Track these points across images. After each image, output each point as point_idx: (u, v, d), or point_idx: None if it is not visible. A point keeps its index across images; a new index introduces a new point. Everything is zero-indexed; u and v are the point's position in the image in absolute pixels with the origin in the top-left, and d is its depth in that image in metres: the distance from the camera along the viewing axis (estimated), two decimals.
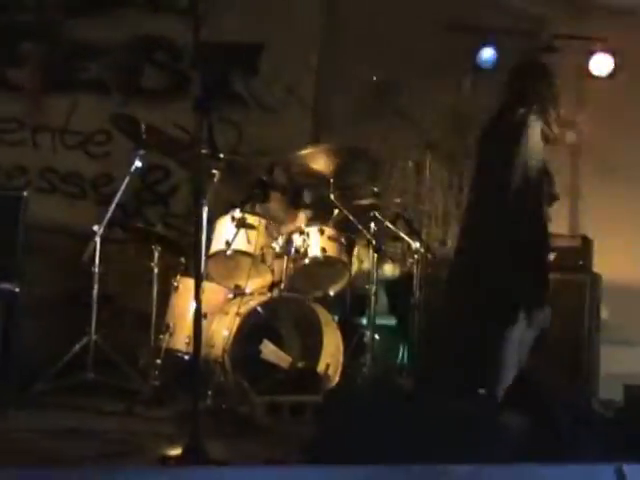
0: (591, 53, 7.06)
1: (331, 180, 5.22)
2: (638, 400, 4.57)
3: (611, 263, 6.23)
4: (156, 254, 5.15)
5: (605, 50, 7.02)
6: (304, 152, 5.30)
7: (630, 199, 6.93)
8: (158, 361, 4.85)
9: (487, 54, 7.02)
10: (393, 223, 5.57)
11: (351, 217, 5.17)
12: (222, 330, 4.72)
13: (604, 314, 6.07)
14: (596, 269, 6.04)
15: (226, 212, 5.04)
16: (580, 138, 7.58)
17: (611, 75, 7.05)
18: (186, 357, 4.80)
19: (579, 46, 7.12)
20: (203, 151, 3.87)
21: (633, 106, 7.30)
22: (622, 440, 3.09)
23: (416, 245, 5.48)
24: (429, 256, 5.69)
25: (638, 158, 7.18)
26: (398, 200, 5.78)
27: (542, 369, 5.68)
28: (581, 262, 5.98)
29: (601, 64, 7.05)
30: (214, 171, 4.82)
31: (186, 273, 5.09)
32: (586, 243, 6.05)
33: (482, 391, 5.44)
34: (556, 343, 5.76)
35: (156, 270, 5.15)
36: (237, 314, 4.69)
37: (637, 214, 6.61)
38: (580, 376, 5.65)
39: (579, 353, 5.72)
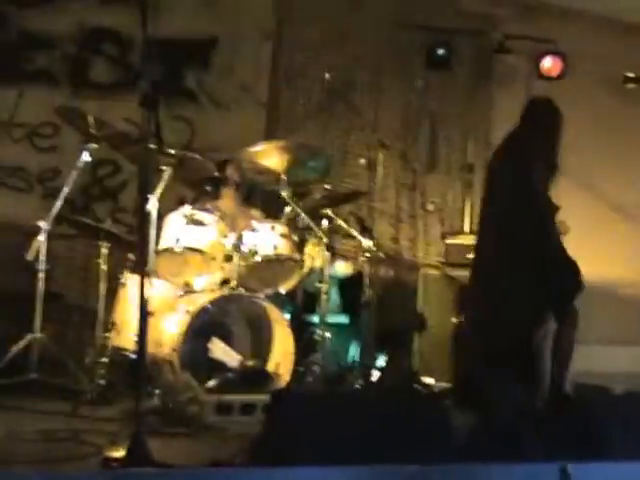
0: (542, 54, 7.13)
1: (283, 177, 5.18)
2: (584, 399, 4.59)
3: None
4: (104, 250, 5.07)
5: (555, 52, 7.09)
6: (256, 149, 5.26)
7: (580, 200, 7.00)
8: (104, 360, 4.77)
9: (439, 53, 7.03)
10: (345, 221, 5.55)
11: (303, 214, 5.14)
12: (171, 328, 4.66)
13: None
14: None
15: (176, 208, 4.98)
16: None
17: (560, 76, 7.13)
18: (133, 355, 4.72)
19: (530, 47, 7.18)
20: (151, 146, 3.81)
21: (581, 107, 7.38)
22: (568, 439, 3.10)
23: (368, 243, 5.47)
24: (381, 254, 5.68)
25: (588, 159, 7.25)
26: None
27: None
28: None
29: (551, 65, 7.12)
30: (164, 167, 4.75)
31: (134, 270, 5.01)
32: None
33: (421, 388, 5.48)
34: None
35: (104, 267, 5.06)
36: (186, 312, 4.63)
37: (585, 215, 6.65)
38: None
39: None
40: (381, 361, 5.99)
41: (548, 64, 7.10)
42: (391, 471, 2.74)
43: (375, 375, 5.63)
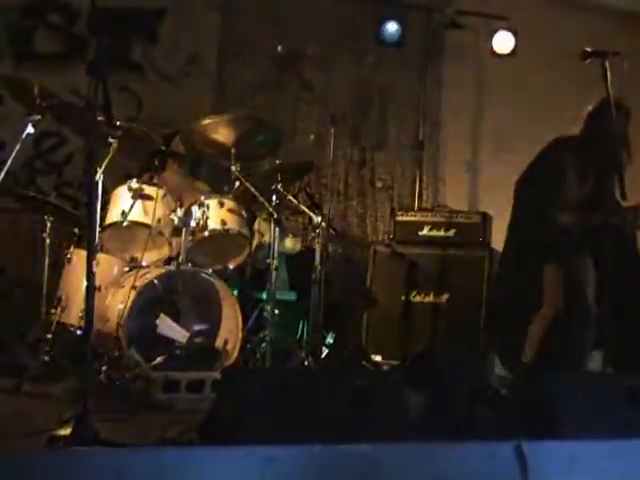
0: (493, 31, 7.12)
1: (232, 151, 5.11)
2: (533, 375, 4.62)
3: None
4: (49, 224, 4.96)
5: (506, 28, 7.09)
6: (205, 122, 5.16)
7: None
8: (49, 336, 4.67)
9: (391, 29, 6.97)
10: (295, 197, 5.50)
11: (252, 189, 5.07)
12: (117, 304, 4.58)
13: None
14: (495, 245, 6.11)
15: (123, 182, 4.88)
16: (480, 115, 7.67)
17: (511, 53, 7.13)
18: (79, 332, 4.63)
19: (482, 24, 7.17)
20: (98, 118, 3.71)
21: (531, 84, 7.41)
22: (521, 417, 3.11)
23: (317, 219, 5.42)
24: (330, 231, 5.65)
25: (534, 135, 7.27)
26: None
27: (441, 345, 5.75)
28: (480, 238, 6.04)
29: (503, 42, 7.12)
30: (111, 140, 4.64)
31: (80, 244, 4.91)
32: (485, 219, 6.11)
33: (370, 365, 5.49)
34: (453, 318, 5.85)
35: (48, 241, 4.95)
36: (133, 287, 4.54)
37: None
38: (476, 351, 5.72)
39: (476, 328, 5.78)
40: (330, 338, 5.98)
41: (500, 41, 7.10)
42: (342, 450, 2.71)
43: (324, 352, 5.61)
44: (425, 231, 6.12)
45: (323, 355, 5.53)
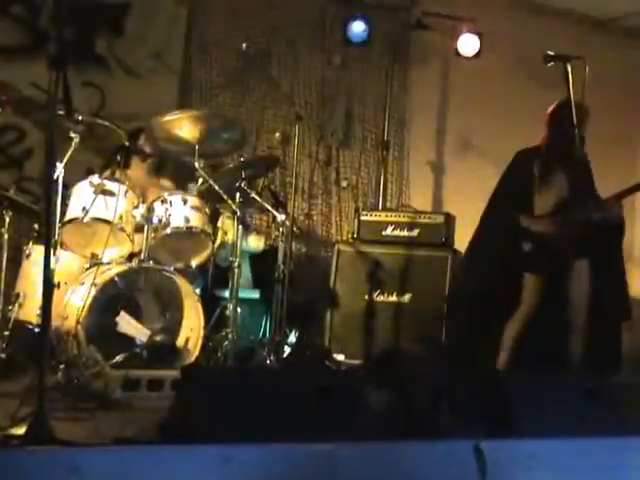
0: (459, 33, 7.15)
1: (197, 147, 5.06)
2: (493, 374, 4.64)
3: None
4: (7, 219, 4.88)
5: (472, 30, 7.12)
6: (169, 118, 5.11)
7: (486, 176, 7.07)
8: (6, 333, 4.60)
9: (358, 28, 6.97)
10: (259, 195, 5.47)
11: (216, 187, 5.03)
12: (76, 301, 4.52)
13: None
14: (457, 246, 6.13)
15: (84, 177, 4.82)
16: (445, 116, 7.69)
17: (476, 56, 7.17)
18: (36, 329, 4.57)
19: (448, 26, 7.20)
20: (59, 112, 3.66)
21: (495, 86, 7.46)
22: (481, 416, 3.11)
23: (282, 217, 5.40)
24: (294, 229, 5.63)
25: (498, 136, 7.33)
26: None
27: (403, 344, 5.76)
28: (443, 239, 6.07)
29: (468, 44, 7.16)
30: (73, 134, 4.58)
31: (40, 240, 4.84)
32: (449, 220, 6.14)
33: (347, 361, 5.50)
34: (416, 318, 5.86)
35: (6, 236, 4.87)
36: (93, 284, 4.48)
37: None
38: (439, 351, 5.74)
39: (438, 328, 5.81)
40: (292, 337, 5.96)
41: (465, 43, 7.13)
42: (304, 449, 2.70)
43: (286, 351, 5.59)
44: (389, 231, 6.13)
45: (285, 354, 5.50)
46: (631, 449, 3.13)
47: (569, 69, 4.28)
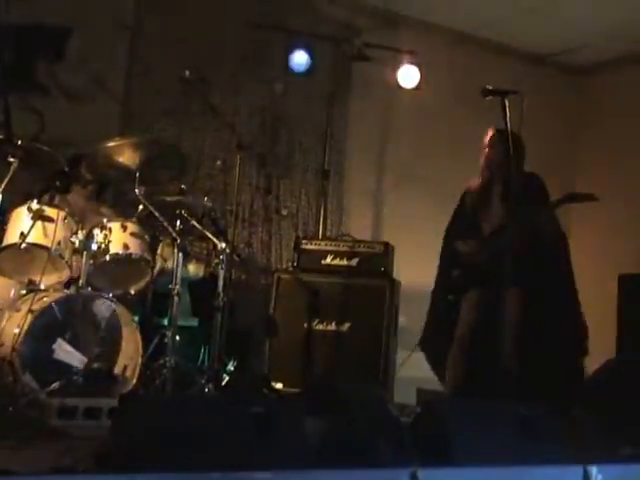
0: (400, 64, 7.26)
1: (137, 174, 5.05)
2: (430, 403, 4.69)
3: (409, 269, 6.42)
4: None
5: (412, 62, 7.23)
6: (109, 144, 5.09)
7: (426, 207, 7.17)
8: None
9: (299, 58, 7.02)
10: (199, 222, 5.46)
11: (156, 214, 5.02)
12: (12, 328, 4.44)
13: (401, 320, 6.24)
14: (396, 275, 6.20)
15: (23, 203, 4.77)
16: (385, 146, 7.79)
17: (416, 87, 7.27)
18: None
19: (389, 57, 7.30)
20: None
21: (435, 117, 7.58)
22: (418, 445, 3.15)
23: (222, 245, 5.40)
24: (235, 257, 5.63)
25: (437, 167, 7.46)
26: (205, 199, 5.66)
27: (342, 373, 5.78)
28: (382, 268, 6.12)
29: (408, 76, 7.26)
30: (11, 159, 4.54)
31: None
32: (388, 249, 6.20)
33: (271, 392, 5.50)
34: (355, 347, 5.89)
35: None
36: (30, 311, 4.43)
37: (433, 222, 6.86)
38: (377, 380, 5.78)
39: (377, 357, 5.85)
40: (231, 365, 5.94)
41: (405, 74, 7.23)
42: (241, 477, 2.70)
43: (225, 379, 5.56)
44: (328, 260, 6.17)
45: (224, 382, 5.48)
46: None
47: (507, 103, 4.38)
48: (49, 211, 4.72)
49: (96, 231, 4.85)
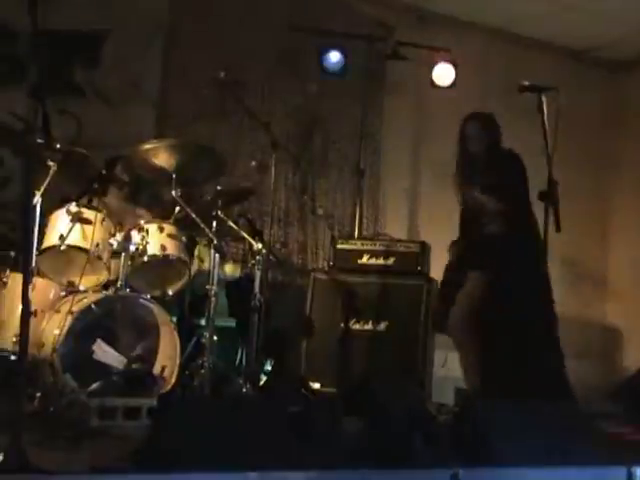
0: (434, 63, 7.22)
1: (173, 176, 5.08)
2: (468, 402, 4.67)
3: None
4: None
5: (447, 60, 7.19)
6: (146, 147, 5.12)
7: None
8: None
9: (334, 57, 7.02)
10: (235, 223, 5.48)
11: (193, 215, 5.05)
12: (53, 329, 4.50)
13: None
14: (433, 274, 6.17)
15: (61, 205, 4.82)
16: (420, 144, 7.76)
17: (451, 85, 7.23)
18: (13, 357, 4.54)
19: (423, 55, 7.27)
20: (38, 141, 3.67)
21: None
22: (457, 444, 3.13)
23: (258, 246, 5.41)
24: (271, 257, 5.64)
25: None
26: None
27: (379, 373, 5.77)
28: (419, 267, 6.09)
29: (443, 74, 7.22)
30: (50, 162, 4.59)
31: (17, 268, 4.82)
32: (424, 248, 6.17)
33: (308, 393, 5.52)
34: (392, 346, 5.87)
35: None
36: (69, 312, 4.48)
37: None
38: (415, 379, 5.75)
39: (414, 356, 5.82)
40: (268, 365, 5.95)
41: (440, 73, 7.20)
42: (278, 477, 2.70)
43: (262, 379, 5.58)
44: (364, 259, 6.15)
45: (261, 382, 5.50)
46: None
47: (543, 99, 4.34)
48: (87, 213, 4.78)
49: (134, 233, 4.89)
